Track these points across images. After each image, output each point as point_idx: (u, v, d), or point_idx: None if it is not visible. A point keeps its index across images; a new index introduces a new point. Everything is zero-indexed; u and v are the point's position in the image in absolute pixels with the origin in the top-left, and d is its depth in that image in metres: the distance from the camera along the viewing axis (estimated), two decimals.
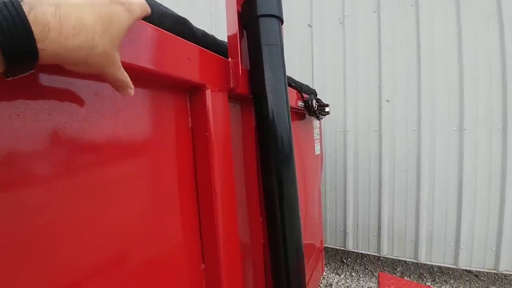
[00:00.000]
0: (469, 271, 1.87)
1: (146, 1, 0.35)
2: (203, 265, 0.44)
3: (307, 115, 1.16)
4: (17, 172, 0.24)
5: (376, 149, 1.81)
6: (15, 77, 0.19)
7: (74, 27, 0.19)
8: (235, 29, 0.47)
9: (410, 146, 1.70)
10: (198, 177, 0.43)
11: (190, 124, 0.43)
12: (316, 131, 1.35)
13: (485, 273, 1.83)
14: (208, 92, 0.41)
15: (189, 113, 0.43)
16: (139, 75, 0.34)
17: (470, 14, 1.50)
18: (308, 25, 1.98)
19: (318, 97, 1.26)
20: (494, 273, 1.64)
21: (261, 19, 0.51)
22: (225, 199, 0.45)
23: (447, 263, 1.68)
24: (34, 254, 0.24)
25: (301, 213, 0.62)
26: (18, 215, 0.23)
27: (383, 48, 1.73)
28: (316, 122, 1.36)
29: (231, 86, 0.48)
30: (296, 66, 2.02)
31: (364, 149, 1.85)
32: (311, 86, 1.87)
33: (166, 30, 0.38)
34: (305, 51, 1.99)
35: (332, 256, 2.27)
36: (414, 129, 1.68)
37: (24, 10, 0.17)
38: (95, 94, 0.31)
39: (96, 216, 0.30)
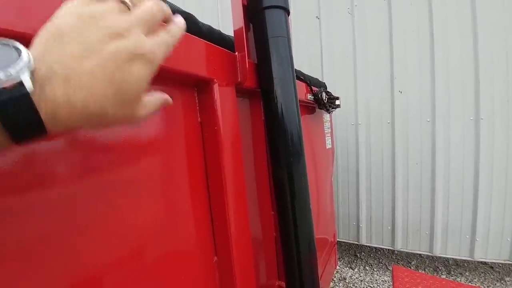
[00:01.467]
0: (485, 263, 1.82)
1: None
2: (215, 258, 0.45)
3: (317, 109, 1.15)
4: (36, 173, 0.25)
5: (389, 141, 1.77)
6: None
7: (83, 100, 0.18)
8: (241, 22, 0.47)
9: (424, 138, 1.65)
10: (208, 172, 0.44)
11: (199, 119, 0.43)
12: (326, 125, 1.34)
13: (500, 264, 1.77)
14: (215, 87, 0.41)
15: (198, 108, 0.43)
16: None
17: (485, 2, 1.42)
18: (316, 16, 1.94)
19: (328, 90, 1.24)
20: (509, 264, 1.58)
21: (267, 11, 0.50)
22: (236, 193, 0.45)
23: (463, 255, 1.64)
24: (61, 252, 0.25)
25: (313, 207, 0.61)
26: (44, 215, 0.24)
27: (395, 37, 1.68)
28: (326, 116, 1.34)
29: (239, 80, 0.48)
30: (304, 59, 1.99)
31: (376, 142, 1.82)
32: (320, 79, 1.84)
33: None
34: (314, 44, 1.96)
35: (345, 250, 2.26)
36: (428, 120, 1.63)
37: (33, 96, 0.16)
38: None
39: (113, 213, 0.31)
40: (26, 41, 0.18)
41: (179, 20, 0.26)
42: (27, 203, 0.24)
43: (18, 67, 0.16)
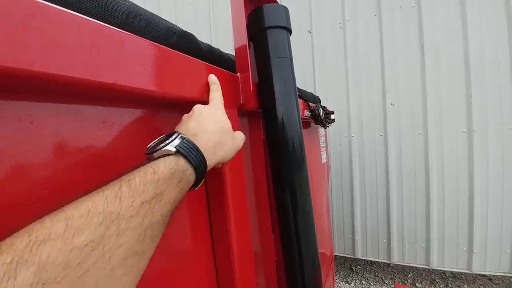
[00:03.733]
0: (483, 275, 1.82)
1: (155, 18, 0.33)
2: None
3: (312, 124, 1.14)
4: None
5: (382, 154, 1.78)
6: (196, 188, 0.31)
7: (222, 159, 0.37)
8: (244, 42, 0.45)
9: (417, 150, 1.67)
10: (209, 196, 0.41)
11: None
12: (322, 139, 1.33)
13: (499, 277, 1.77)
14: None
15: None
16: (149, 99, 0.32)
17: (475, 12, 1.48)
18: (308, 31, 1.97)
19: (322, 103, 1.24)
20: (509, 276, 1.59)
21: (269, 31, 0.49)
22: (239, 215, 0.42)
23: (460, 268, 1.63)
24: None
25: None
26: None
27: (385, 51, 1.72)
28: (321, 130, 1.33)
29: (241, 101, 0.46)
30: (297, 73, 1.99)
31: (370, 155, 1.82)
32: (313, 93, 1.85)
33: (172, 46, 0.36)
34: (306, 58, 1.98)
35: (340, 264, 2.22)
36: (420, 132, 1.65)
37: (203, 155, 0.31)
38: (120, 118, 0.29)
39: None
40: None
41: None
42: None
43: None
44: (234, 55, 0.51)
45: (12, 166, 0.21)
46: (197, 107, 0.35)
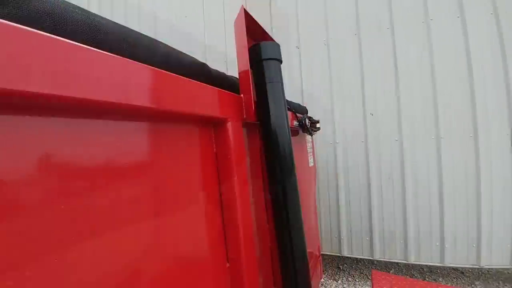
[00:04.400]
0: (456, 269, 2.01)
1: (182, 56, 0.47)
2: (228, 264, 0.54)
3: (300, 132, 1.29)
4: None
5: (364, 159, 1.96)
6: None
7: None
8: (247, 69, 0.60)
9: (394, 156, 1.86)
10: (222, 193, 0.54)
11: (214, 150, 0.54)
12: (309, 145, 1.48)
13: (469, 270, 1.96)
14: (229, 124, 0.53)
15: (214, 141, 0.54)
16: (178, 116, 0.45)
17: (438, 33, 1.70)
18: (296, 46, 2.16)
19: (308, 113, 1.39)
20: (477, 268, 1.78)
21: (265, 62, 0.64)
22: (244, 209, 0.55)
23: (435, 261, 1.81)
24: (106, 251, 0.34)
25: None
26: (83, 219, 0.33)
27: (365, 66, 1.92)
28: (308, 137, 1.49)
29: (244, 116, 0.60)
30: (286, 85, 2.16)
31: (353, 160, 2.00)
32: (301, 103, 2.02)
33: (194, 76, 0.50)
34: (294, 71, 2.16)
35: (328, 263, 2.35)
36: (396, 139, 1.85)
37: None
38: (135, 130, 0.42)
39: (153, 227, 0.40)
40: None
41: None
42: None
43: None
44: (233, 76, 0.65)
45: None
46: None
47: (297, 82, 2.16)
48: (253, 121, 0.64)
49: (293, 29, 2.15)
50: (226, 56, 2.36)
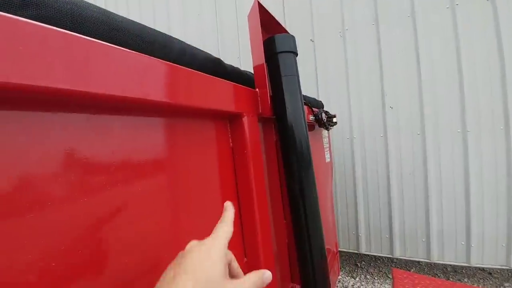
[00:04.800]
0: (483, 269, 1.91)
1: (197, 51, 0.46)
2: (245, 259, 0.54)
3: (316, 126, 1.27)
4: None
5: (383, 154, 1.89)
6: None
7: None
8: (262, 63, 0.59)
9: (416, 150, 1.78)
10: (239, 187, 0.54)
11: (230, 145, 0.54)
12: (325, 140, 1.45)
13: (498, 270, 1.86)
14: (245, 119, 0.52)
15: (230, 135, 0.54)
16: (194, 111, 0.45)
17: (465, 19, 1.59)
18: (311, 39, 2.11)
19: (324, 108, 1.36)
20: (507, 269, 1.68)
21: (280, 55, 0.62)
22: (261, 204, 0.55)
23: (460, 261, 1.72)
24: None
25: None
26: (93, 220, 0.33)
27: (384, 57, 1.84)
28: (324, 132, 1.46)
29: (260, 111, 0.59)
30: (301, 79, 2.13)
31: (371, 155, 1.94)
32: (316, 97, 1.98)
33: (208, 72, 0.50)
34: (309, 64, 2.12)
35: (346, 259, 2.32)
36: (418, 133, 1.76)
37: None
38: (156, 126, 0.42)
39: (171, 222, 0.41)
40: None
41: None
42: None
43: None
44: (248, 72, 0.64)
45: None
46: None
47: (312, 76, 2.11)
48: (269, 115, 0.63)
49: (307, 22, 2.10)
50: (239, 53, 2.35)
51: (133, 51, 0.32)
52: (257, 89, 0.60)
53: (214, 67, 0.56)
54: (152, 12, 2.70)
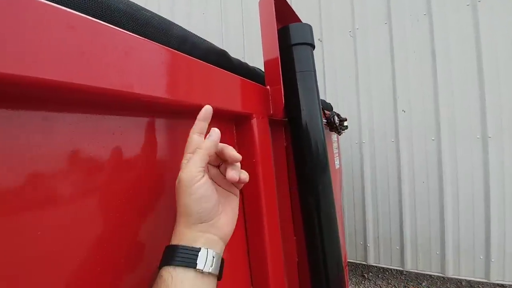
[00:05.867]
0: (502, 285, 1.79)
1: (199, 40, 0.38)
2: None
3: (327, 130, 1.17)
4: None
5: (394, 160, 1.79)
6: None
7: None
8: (275, 58, 0.50)
9: (430, 157, 1.68)
10: (245, 204, 0.45)
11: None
12: (335, 145, 1.36)
13: None
14: (254, 121, 0.43)
15: (235, 141, 0.45)
16: (193, 110, 0.36)
17: (487, 17, 1.49)
18: (319, 39, 2.02)
19: (334, 111, 1.27)
20: None
21: (295, 47, 0.54)
22: (271, 223, 0.46)
23: (478, 277, 1.61)
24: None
25: None
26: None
27: (396, 59, 1.74)
28: (334, 136, 1.36)
29: (271, 112, 0.50)
30: None
31: (381, 160, 1.83)
32: (324, 99, 1.89)
33: (212, 63, 0.41)
34: (317, 65, 2.00)
35: (352, 270, 2.21)
36: (433, 138, 1.66)
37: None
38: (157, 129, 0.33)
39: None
40: None
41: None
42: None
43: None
44: (257, 68, 0.55)
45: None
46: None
47: (320, 77, 2.01)
48: (281, 117, 0.54)
49: (315, 20, 2.01)
50: (244, 51, 2.26)
51: (120, 29, 0.24)
52: (268, 87, 0.51)
53: (218, 60, 0.47)
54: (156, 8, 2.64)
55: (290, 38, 0.53)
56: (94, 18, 0.22)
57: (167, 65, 0.29)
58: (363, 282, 2.11)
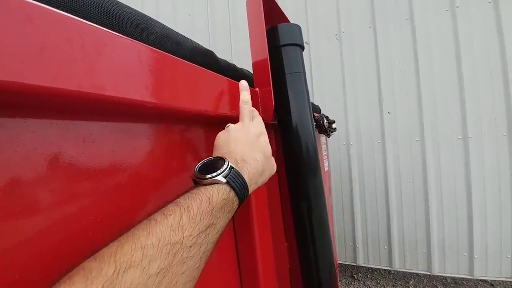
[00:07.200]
0: (485, 281, 1.84)
1: (183, 39, 0.35)
2: None
3: (316, 133, 1.17)
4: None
5: (381, 161, 1.81)
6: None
7: (260, 173, 0.36)
8: (264, 59, 0.48)
9: (415, 157, 1.71)
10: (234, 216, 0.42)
11: None
12: (323, 147, 1.35)
13: (501, 282, 1.80)
14: None
15: None
16: (177, 113, 0.34)
17: (466, 22, 1.54)
18: (306, 42, 2.03)
19: (323, 113, 1.27)
20: (510, 281, 1.61)
21: (284, 48, 0.52)
22: (262, 232, 0.43)
23: (462, 273, 1.65)
24: None
25: None
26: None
27: (381, 61, 1.78)
28: (323, 138, 1.36)
29: (260, 115, 0.48)
30: None
31: (368, 162, 1.86)
32: (312, 102, 1.89)
33: (197, 64, 0.38)
34: None
35: (342, 271, 2.22)
36: (417, 139, 1.70)
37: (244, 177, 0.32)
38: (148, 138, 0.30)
39: None
40: None
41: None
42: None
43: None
44: (245, 69, 0.53)
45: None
46: (243, 128, 0.38)
47: (307, 79, 2.02)
48: (271, 120, 0.53)
49: (301, 23, 2.01)
50: (231, 52, 2.24)
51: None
52: (257, 89, 0.49)
53: (204, 61, 0.45)
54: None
55: (279, 38, 0.52)
56: (63, 11, 0.19)
57: (146, 65, 0.26)
58: (352, 283, 2.12)
